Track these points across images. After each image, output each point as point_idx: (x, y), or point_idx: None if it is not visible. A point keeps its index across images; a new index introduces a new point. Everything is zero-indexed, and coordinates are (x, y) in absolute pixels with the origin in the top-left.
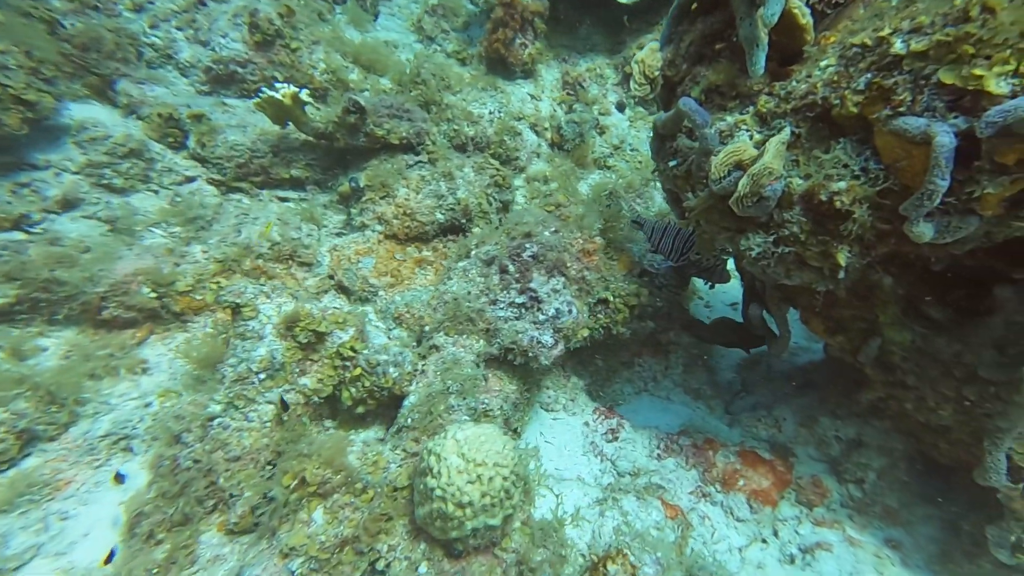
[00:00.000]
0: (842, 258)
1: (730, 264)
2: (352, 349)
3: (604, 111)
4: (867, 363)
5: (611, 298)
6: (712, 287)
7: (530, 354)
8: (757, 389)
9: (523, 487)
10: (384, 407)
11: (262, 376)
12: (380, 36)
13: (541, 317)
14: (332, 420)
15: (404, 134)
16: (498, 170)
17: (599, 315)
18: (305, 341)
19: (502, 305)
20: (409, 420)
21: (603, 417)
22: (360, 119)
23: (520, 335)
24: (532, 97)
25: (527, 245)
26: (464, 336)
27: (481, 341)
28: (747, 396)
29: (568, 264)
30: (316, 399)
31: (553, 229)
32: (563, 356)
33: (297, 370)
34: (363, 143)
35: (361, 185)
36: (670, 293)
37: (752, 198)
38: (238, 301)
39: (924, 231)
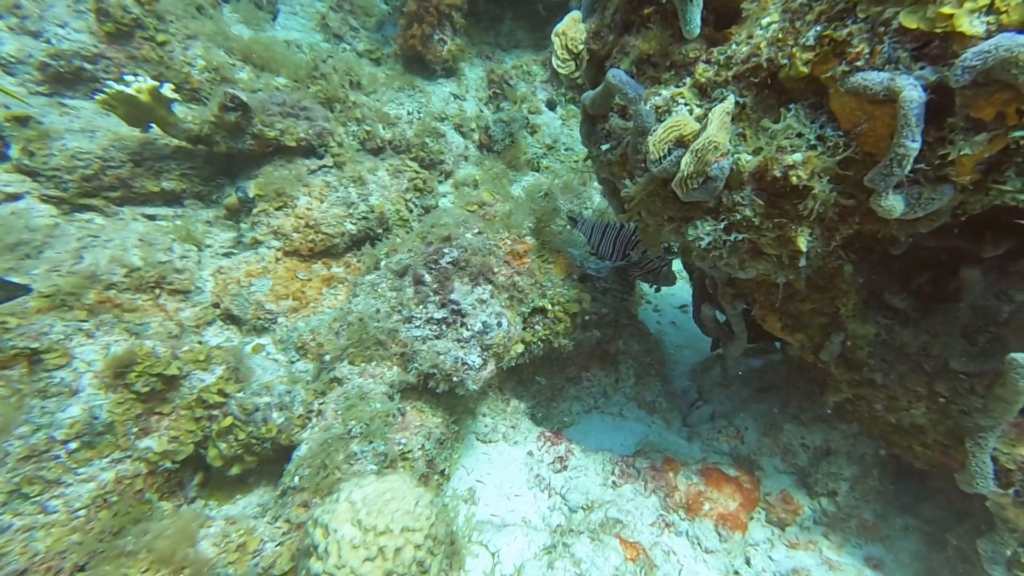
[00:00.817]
0: (802, 242)
1: (676, 265)
2: (220, 393)
3: (534, 110)
4: (830, 361)
5: (549, 306)
6: (658, 290)
7: (455, 379)
8: (714, 396)
9: (447, 550)
10: (270, 463)
11: (72, 446)
12: (280, 36)
13: (466, 333)
14: (200, 488)
15: (302, 135)
16: (417, 172)
17: (536, 326)
18: (146, 390)
19: (418, 322)
20: (296, 479)
21: (549, 444)
22: (244, 118)
23: (441, 357)
24: (455, 97)
25: (445, 250)
26: (373, 364)
27: (395, 368)
28: (704, 405)
29: (495, 269)
30: (168, 465)
31: (476, 230)
32: (496, 377)
33: (135, 430)
34: (251, 147)
35: (251, 195)
36: (615, 298)
37: (697, 178)
38: (35, 345)
39: (894, 204)
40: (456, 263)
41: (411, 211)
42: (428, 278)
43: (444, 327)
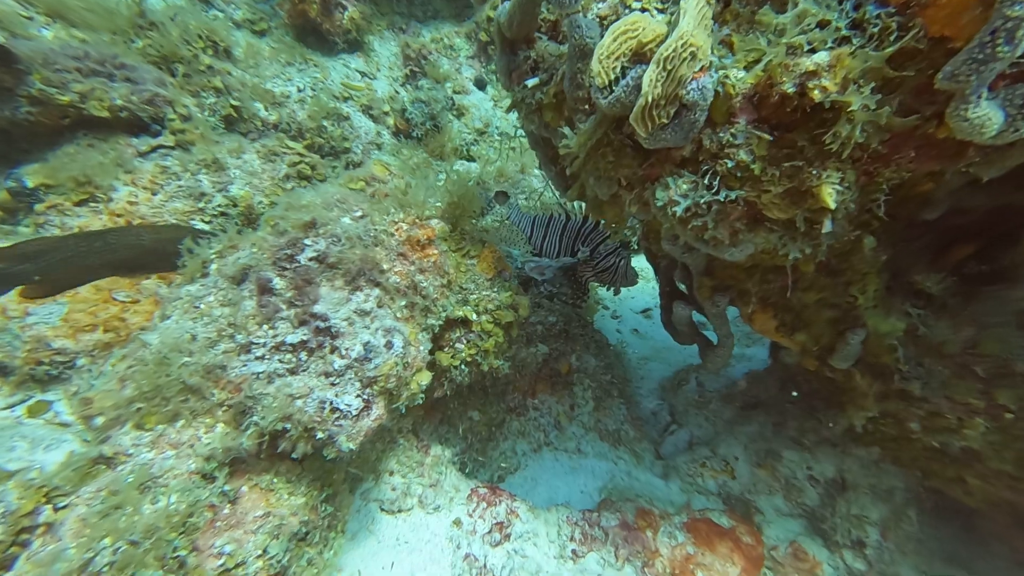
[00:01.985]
0: (828, 194)
1: (638, 262)
2: None
3: (460, 89)
4: (846, 368)
5: (472, 315)
6: (616, 292)
7: (319, 434)
8: (690, 418)
9: None
10: None
11: None
12: None
13: (338, 363)
14: None
15: (119, 102)
16: (302, 156)
17: (457, 344)
18: None
19: (262, 351)
20: None
21: (484, 504)
22: (7, 72)
23: (298, 402)
24: (363, 75)
25: (307, 241)
26: (179, 424)
27: (219, 427)
28: (679, 430)
29: (385, 266)
30: None
31: (357, 213)
32: (406, 419)
33: None
34: (30, 116)
35: (29, 186)
36: (564, 305)
37: (667, 107)
38: None
39: (988, 117)
40: (323, 259)
41: None
42: (279, 283)
43: (303, 355)
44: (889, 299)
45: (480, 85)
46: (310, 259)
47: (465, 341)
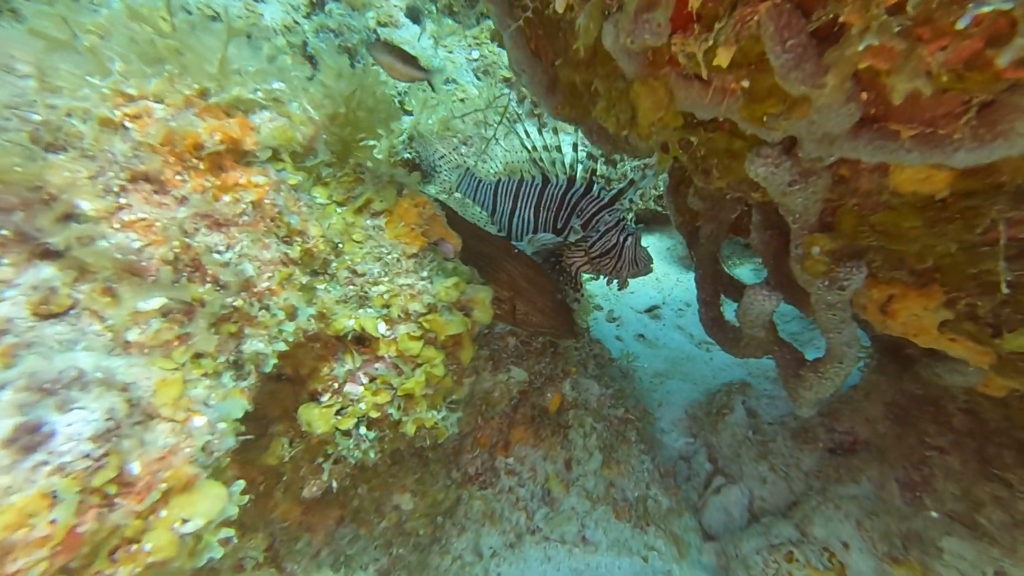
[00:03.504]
0: None
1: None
2: None
3: (386, 20)
4: None
5: (377, 327)
6: (622, 285)
7: None
8: (744, 467)
9: None
10: None
11: None
12: None
13: None
14: None
15: None
16: None
17: (345, 386)
18: None
19: None
20: None
21: None
22: None
23: None
24: None
25: None
26: None
27: None
28: (728, 485)
29: (84, 202)
30: None
31: (17, 71)
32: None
33: None
34: None
35: None
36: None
37: None
38: None
39: None
40: None
41: None
42: None
43: None
44: None
45: (414, 16)
46: None
47: (366, 379)
